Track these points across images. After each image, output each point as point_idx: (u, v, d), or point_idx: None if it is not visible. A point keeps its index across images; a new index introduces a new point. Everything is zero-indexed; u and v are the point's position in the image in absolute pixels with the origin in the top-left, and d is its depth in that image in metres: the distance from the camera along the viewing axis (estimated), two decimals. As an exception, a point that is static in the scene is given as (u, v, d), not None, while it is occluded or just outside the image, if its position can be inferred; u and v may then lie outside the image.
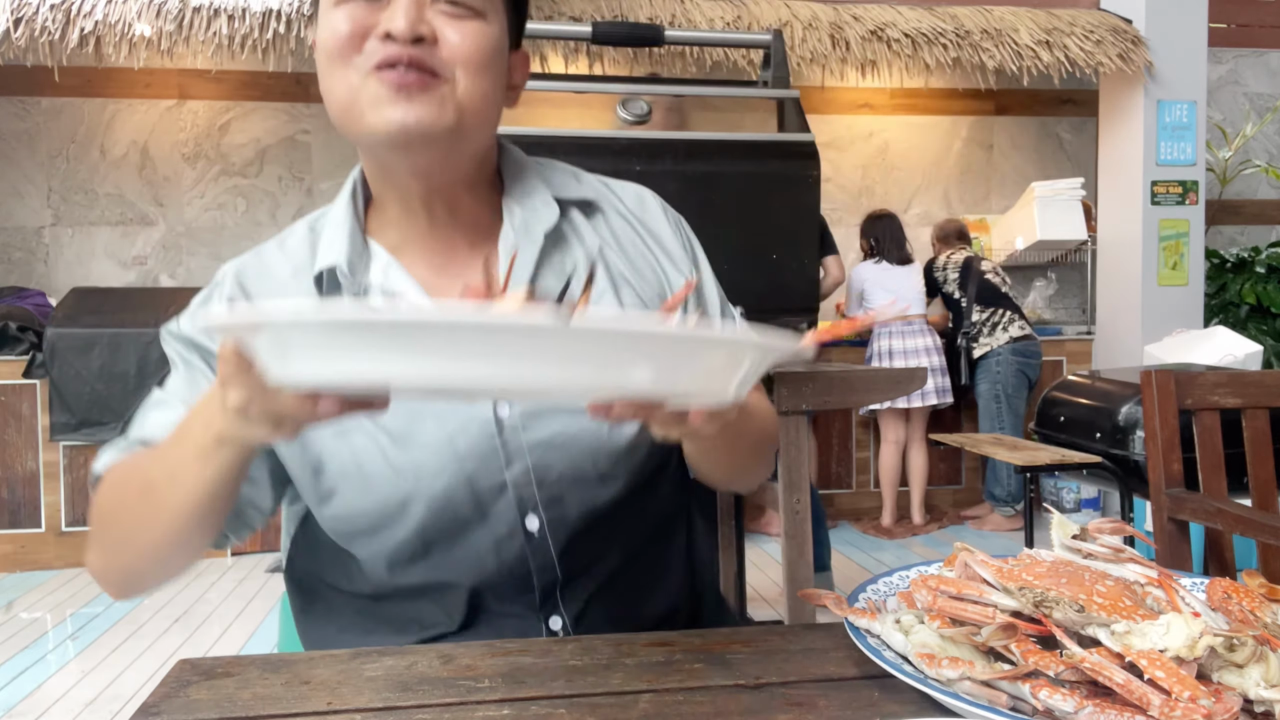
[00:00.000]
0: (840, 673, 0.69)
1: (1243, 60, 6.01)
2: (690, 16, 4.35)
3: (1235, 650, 0.57)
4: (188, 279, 5.25)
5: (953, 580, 0.70)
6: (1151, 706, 0.54)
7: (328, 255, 0.85)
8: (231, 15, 4.00)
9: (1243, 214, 6.03)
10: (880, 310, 4.46)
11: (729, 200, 1.73)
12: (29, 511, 4.11)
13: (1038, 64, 4.67)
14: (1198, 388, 1.54)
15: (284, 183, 5.34)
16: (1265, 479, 1.53)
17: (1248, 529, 1.39)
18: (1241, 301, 5.31)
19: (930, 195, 5.90)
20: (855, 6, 4.68)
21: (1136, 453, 2.80)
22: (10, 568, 4.10)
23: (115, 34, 3.91)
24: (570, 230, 0.90)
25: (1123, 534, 0.76)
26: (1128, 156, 4.93)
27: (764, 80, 2.01)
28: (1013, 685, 0.59)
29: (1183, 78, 4.84)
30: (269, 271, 0.89)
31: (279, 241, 0.92)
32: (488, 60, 0.79)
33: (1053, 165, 5.94)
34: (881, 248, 4.61)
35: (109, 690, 2.76)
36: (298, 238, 0.91)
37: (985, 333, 4.54)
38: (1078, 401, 3.18)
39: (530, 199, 0.88)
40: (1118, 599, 0.63)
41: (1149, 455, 1.53)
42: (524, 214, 0.87)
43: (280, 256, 0.90)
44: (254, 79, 5.18)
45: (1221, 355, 3.90)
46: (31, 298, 4.65)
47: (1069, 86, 5.43)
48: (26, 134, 5.12)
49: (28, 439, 4.09)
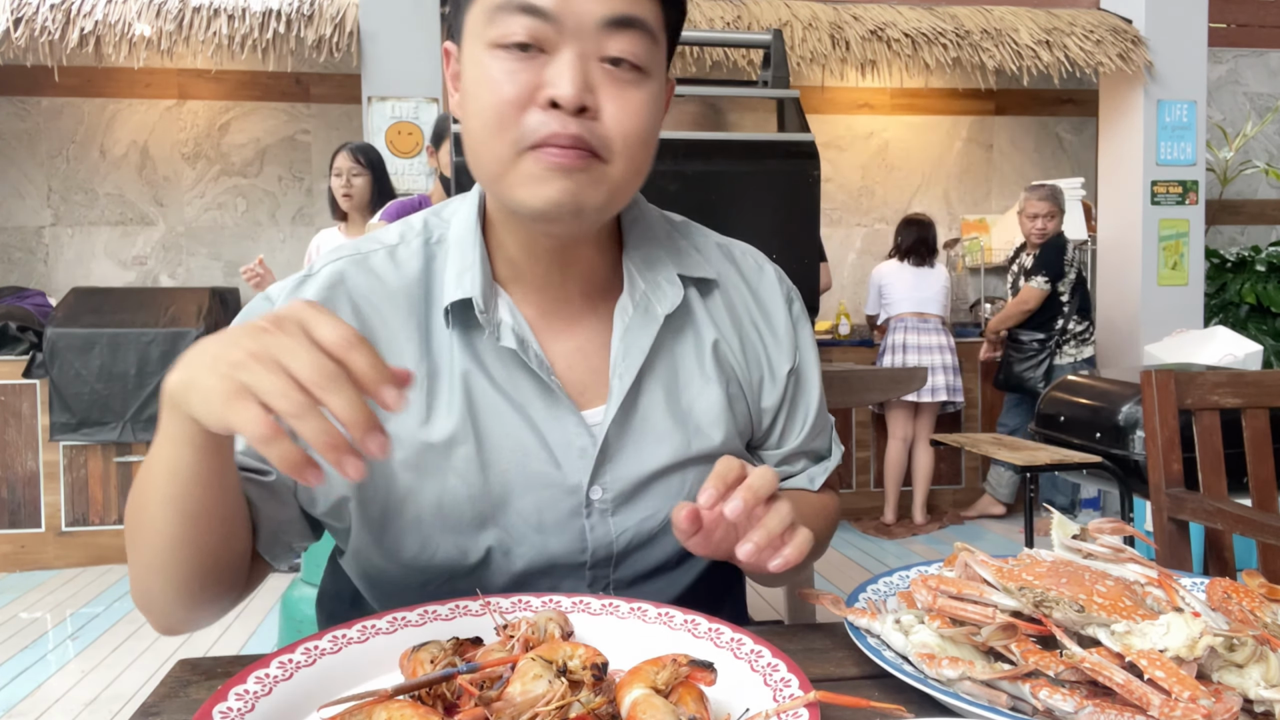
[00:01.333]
0: (840, 673, 0.69)
1: (1243, 60, 6.01)
2: (690, 16, 4.35)
3: (1235, 650, 0.57)
4: (188, 279, 5.25)
5: (953, 580, 0.70)
6: (1151, 706, 0.54)
7: (460, 288, 0.80)
8: (231, 15, 4.00)
9: (1243, 214, 6.03)
10: None
11: (729, 200, 1.73)
12: (29, 511, 4.11)
13: (1038, 64, 4.67)
14: (1198, 388, 1.53)
15: (284, 183, 5.34)
16: (1265, 479, 1.53)
17: (1248, 529, 1.38)
18: (1241, 301, 5.31)
19: (930, 195, 5.90)
20: (855, 6, 4.68)
21: (1136, 453, 2.80)
22: (10, 568, 4.10)
23: (115, 34, 3.91)
24: (687, 314, 0.87)
25: (1123, 534, 0.76)
26: (1128, 156, 4.93)
27: (764, 80, 2.01)
28: (1013, 685, 0.59)
29: (1183, 78, 4.84)
30: (381, 284, 0.82)
31: (389, 252, 0.85)
32: (647, 135, 0.75)
33: (1053, 165, 5.93)
34: (906, 249, 4.67)
35: (109, 690, 2.76)
36: (411, 251, 0.84)
37: (1073, 344, 4.43)
38: (1078, 401, 3.18)
39: (654, 271, 0.85)
40: (1118, 599, 0.63)
41: (1149, 455, 1.53)
42: (646, 286, 0.84)
43: (391, 268, 0.83)
44: (254, 79, 5.18)
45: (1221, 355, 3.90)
46: (31, 298, 4.65)
47: (1069, 86, 5.43)
48: (26, 134, 5.12)
49: (28, 439, 4.09)
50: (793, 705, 0.56)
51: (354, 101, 4.62)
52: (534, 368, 0.80)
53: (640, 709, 0.55)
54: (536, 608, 0.73)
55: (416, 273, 0.83)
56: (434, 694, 0.58)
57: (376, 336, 0.81)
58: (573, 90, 0.70)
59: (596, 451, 0.81)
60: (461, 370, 0.80)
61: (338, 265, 0.83)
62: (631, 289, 0.84)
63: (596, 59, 0.72)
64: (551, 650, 0.60)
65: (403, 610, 0.72)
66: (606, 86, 0.72)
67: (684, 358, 0.86)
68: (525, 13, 0.70)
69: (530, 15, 0.70)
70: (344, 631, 0.69)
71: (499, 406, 0.81)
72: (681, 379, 0.86)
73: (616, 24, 0.71)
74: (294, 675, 0.63)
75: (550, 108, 0.71)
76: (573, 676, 0.57)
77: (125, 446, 4.10)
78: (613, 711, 0.57)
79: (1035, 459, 2.90)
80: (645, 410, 0.84)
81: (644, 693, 0.56)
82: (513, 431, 0.81)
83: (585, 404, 0.83)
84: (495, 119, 0.72)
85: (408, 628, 0.70)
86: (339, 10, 4.14)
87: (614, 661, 0.62)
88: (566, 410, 0.81)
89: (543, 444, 0.81)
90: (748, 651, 0.65)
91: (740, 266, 0.93)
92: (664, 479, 0.84)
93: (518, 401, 0.81)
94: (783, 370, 0.91)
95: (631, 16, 0.72)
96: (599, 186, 0.74)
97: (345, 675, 0.65)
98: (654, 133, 0.77)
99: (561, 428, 0.81)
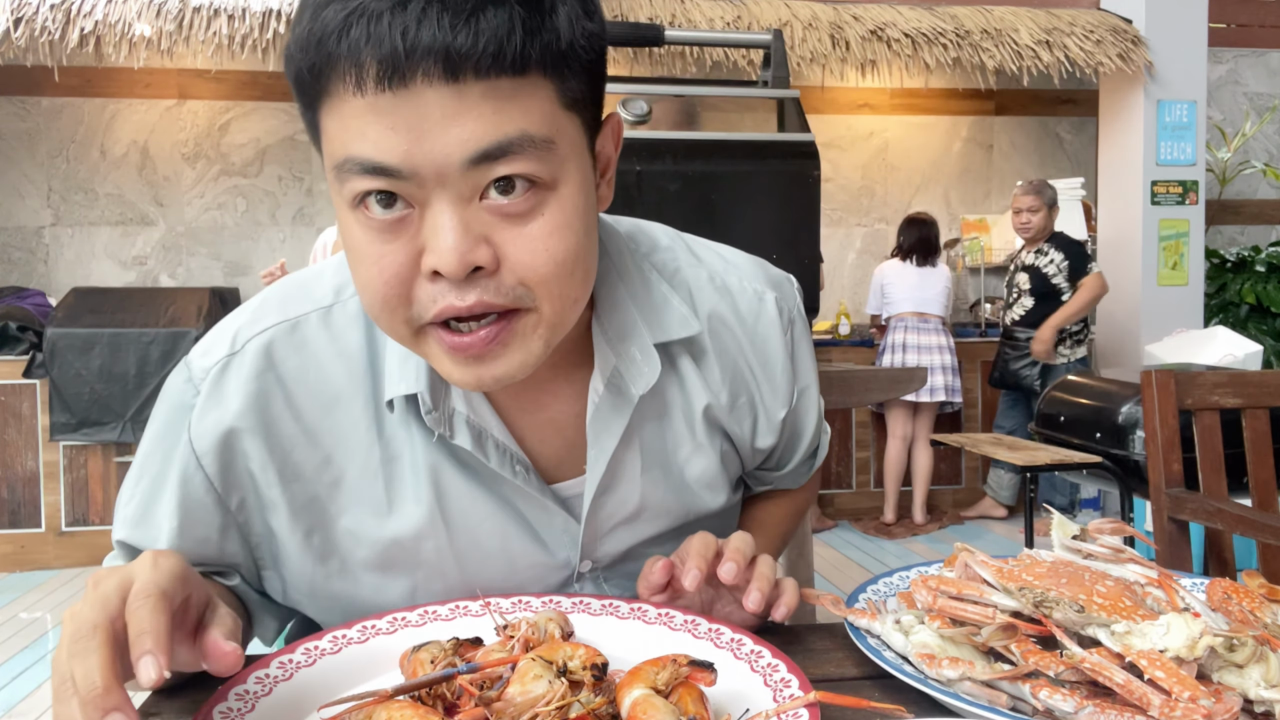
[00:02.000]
0: (840, 673, 0.69)
1: (1243, 60, 6.01)
2: (690, 16, 4.35)
3: (1235, 650, 0.57)
4: (188, 279, 5.25)
5: (953, 580, 0.70)
6: (1151, 707, 0.54)
7: (403, 379, 0.70)
8: (231, 15, 4.00)
9: (1243, 214, 6.03)
10: None
11: (729, 200, 1.73)
12: (29, 511, 4.11)
13: (1038, 64, 4.67)
14: (1198, 388, 1.54)
15: (284, 183, 5.34)
16: (1265, 479, 1.53)
17: (1248, 529, 1.39)
18: (1241, 301, 5.31)
19: (930, 195, 5.90)
20: (855, 6, 4.68)
21: (1136, 453, 2.80)
22: (10, 568, 4.10)
23: (115, 34, 3.91)
24: (671, 380, 0.78)
25: (1123, 534, 0.76)
26: (1128, 156, 4.93)
27: (764, 80, 2.01)
28: (1013, 685, 0.59)
29: (1183, 78, 4.84)
30: (316, 363, 0.72)
31: (322, 317, 0.73)
32: (571, 258, 0.61)
33: (1053, 165, 5.93)
34: (908, 249, 4.68)
35: (109, 690, 2.76)
36: (349, 316, 0.73)
37: (1069, 343, 4.38)
38: (1078, 401, 3.18)
39: (626, 343, 0.74)
40: (1118, 599, 0.63)
41: (1149, 455, 1.53)
42: (618, 361, 0.73)
43: (326, 340, 0.73)
44: (254, 79, 5.18)
45: (1221, 355, 3.90)
46: (31, 298, 4.65)
47: (1069, 86, 5.43)
48: (26, 134, 5.11)
49: (28, 439, 4.09)
50: (793, 705, 0.56)
51: (354, 101, 4.63)
52: (495, 466, 0.72)
53: (640, 709, 0.55)
54: (536, 608, 0.73)
55: (356, 346, 0.73)
56: (434, 694, 0.58)
57: (317, 429, 0.72)
58: (455, 257, 0.57)
59: (581, 530, 0.77)
60: (426, 460, 0.73)
61: (264, 338, 0.72)
62: (602, 365, 0.73)
63: (479, 196, 0.58)
64: (551, 650, 0.60)
65: (403, 610, 0.72)
66: (500, 228, 0.59)
67: (670, 426, 0.79)
68: (372, 174, 0.57)
69: (379, 176, 0.57)
70: (344, 631, 0.69)
71: (471, 491, 0.74)
72: (669, 445, 0.79)
73: (487, 156, 0.57)
74: (294, 675, 0.63)
75: (436, 277, 0.59)
76: (573, 677, 0.57)
77: (125, 446, 4.10)
78: (613, 712, 0.57)
79: (1035, 459, 2.90)
80: (631, 486, 0.78)
81: (644, 693, 0.56)
82: (490, 515, 0.75)
83: (564, 475, 0.77)
84: (380, 301, 0.61)
85: (408, 628, 0.70)
86: (339, 10, 4.14)
87: (614, 661, 0.62)
88: (542, 497, 0.75)
89: (524, 525, 0.76)
90: (748, 652, 0.65)
91: (737, 303, 0.82)
92: (659, 545, 0.81)
93: (491, 484, 0.74)
94: (779, 416, 0.85)
95: (503, 142, 0.56)
96: (531, 337, 0.63)
97: (345, 675, 0.65)
98: (581, 251, 0.62)
99: (542, 509, 0.76)
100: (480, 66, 0.55)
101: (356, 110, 0.56)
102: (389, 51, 0.53)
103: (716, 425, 0.82)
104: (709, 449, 0.81)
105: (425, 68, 0.54)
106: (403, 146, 0.55)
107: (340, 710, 0.56)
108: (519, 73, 0.56)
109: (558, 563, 0.79)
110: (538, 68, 0.57)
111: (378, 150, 0.56)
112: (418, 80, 0.54)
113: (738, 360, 0.82)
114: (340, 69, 0.55)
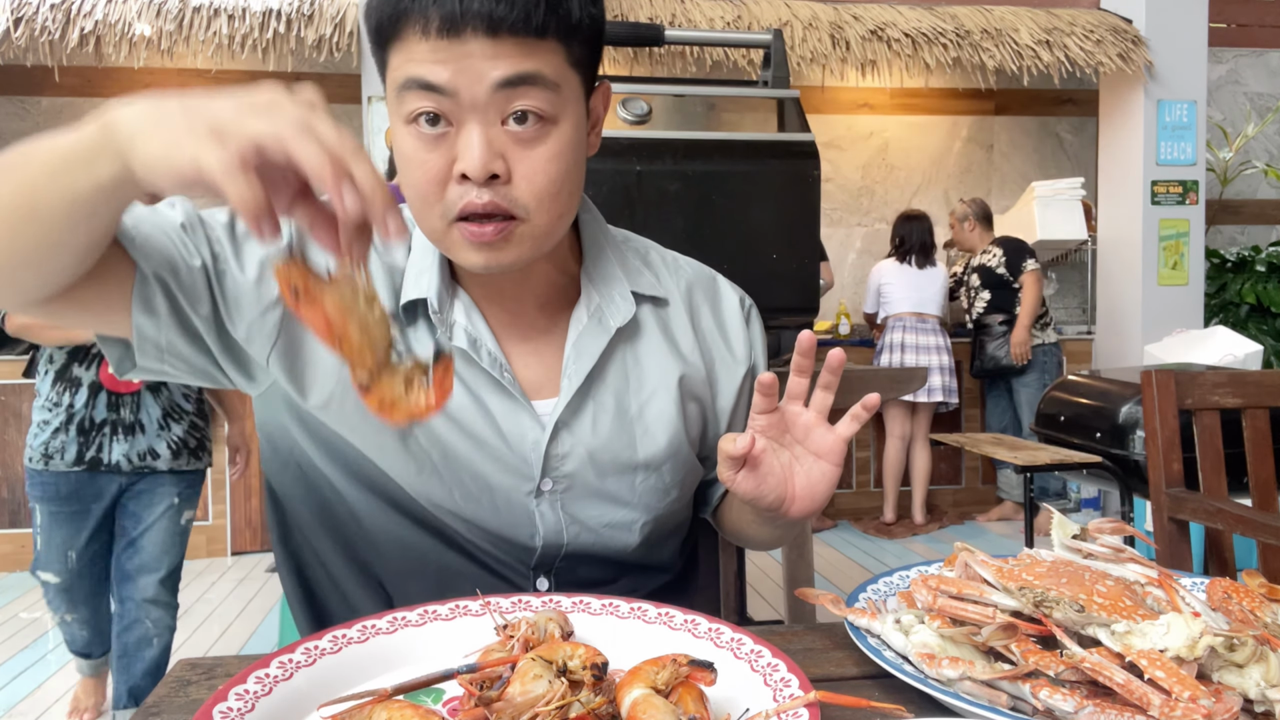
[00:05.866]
0: (840, 673, 0.69)
1: (1243, 60, 6.01)
2: (690, 16, 4.35)
3: (1235, 650, 0.57)
4: (188, 279, 5.25)
5: (953, 580, 0.70)
6: (1151, 706, 0.54)
7: (417, 287, 0.86)
8: (231, 15, 4.00)
9: (1243, 214, 6.03)
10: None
11: (729, 200, 1.73)
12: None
13: (1038, 64, 4.67)
14: (1198, 388, 1.54)
15: (284, 183, 5.34)
16: (1265, 479, 1.53)
17: (1248, 529, 1.39)
18: (1241, 301, 5.31)
19: (930, 195, 5.90)
20: (855, 6, 4.68)
21: (1136, 453, 2.80)
22: (10, 568, 4.10)
23: (115, 34, 3.91)
24: (640, 328, 0.93)
25: (1123, 534, 0.76)
26: (1128, 156, 4.93)
27: (764, 80, 2.01)
28: (1013, 685, 0.59)
29: (1183, 78, 4.84)
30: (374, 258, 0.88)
31: None
32: (560, 184, 0.79)
33: (1053, 165, 5.93)
34: (906, 248, 4.70)
35: (108, 690, 2.76)
36: None
37: (1035, 327, 4.61)
38: (1078, 401, 3.18)
39: (609, 287, 0.91)
40: (1118, 599, 0.63)
41: (1149, 455, 1.53)
42: (600, 300, 0.90)
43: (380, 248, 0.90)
44: (254, 79, 5.16)
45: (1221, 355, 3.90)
46: (31, 298, 4.64)
47: (1069, 86, 5.43)
48: (26, 134, 5.05)
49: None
50: (793, 705, 0.56)
51: (354, 101, 4.62)
52: (485, 366, 0.86)
53: (640, 709, 0.55)
54: (536, 608, 0.73)
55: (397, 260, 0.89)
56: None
57: None
58: (478, 164, 0.75)
59: (546, 440, 0.87)
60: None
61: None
62: (587, 301, 0.90)
63: (500, 122, 0.76)
64: (551, 650, 0.60)
65: (403, 610, 0.72)
66: (513, 149, 0.77)
67: (635, 367, 0.92)
68: (424, 89, 0.75)
69: (429, 91, 0.75)
70: (344, 631, 0.69)
71: (457, 388, 0.86)
72: (632, 385, 0.92)
73: (511, 84, 0.75)
74: (294, 675, 0.63)
75: (464, 180, 0.76)
76: (573, 676, 0.57)
77: (125, 446, 4.09)
78: (613, 711, 0.57)
79: (1035, 459, 2.90)
80: (594, 412, 0.90)
81: (644, 693, 0.56)
82: (469, 419, 0.87)
83: (538, 396, 0.89)
84: (421, 196, 0.79)
85: (408, 628, 0.70)
86: (339, 10, 4.14)
87: (614, 661, 0.62)
88: (519, 404, 0.87)
89: (497, 432, 0.87)
90: (748, 651, 0.65)
91: (700, 280, 1.00)
92: (613, 479, 0.90)
93: (475, 392, 0.87)
94: (738, 373, 0.98)
95: (524, 74, 0.75)
96: (522, 244, 0.80)
97: (345, 675, 0.65)
98: (570, 176, 0.80)
99: (515, 420, 0.87)
100: (513, 28, 0.74)
101: (420, 50, 0.75)
102: (449, 12, 0.73)
103: (676, 373, 0.93)
104: (665, 392, 0.92)
105: (473, 25, 0.73)
106: (448, 73, 0.74)
107: (340, 710, 0.56)
108: (539, 36, 0.75)
109: (523, 474, 0.87)
110: (554, 34, 0.76)
111: (431, 74, 0.74)
112: (466, 33, 0.73)
113: (699, 325, 0.97)
114: (412, 20, 0.74)
